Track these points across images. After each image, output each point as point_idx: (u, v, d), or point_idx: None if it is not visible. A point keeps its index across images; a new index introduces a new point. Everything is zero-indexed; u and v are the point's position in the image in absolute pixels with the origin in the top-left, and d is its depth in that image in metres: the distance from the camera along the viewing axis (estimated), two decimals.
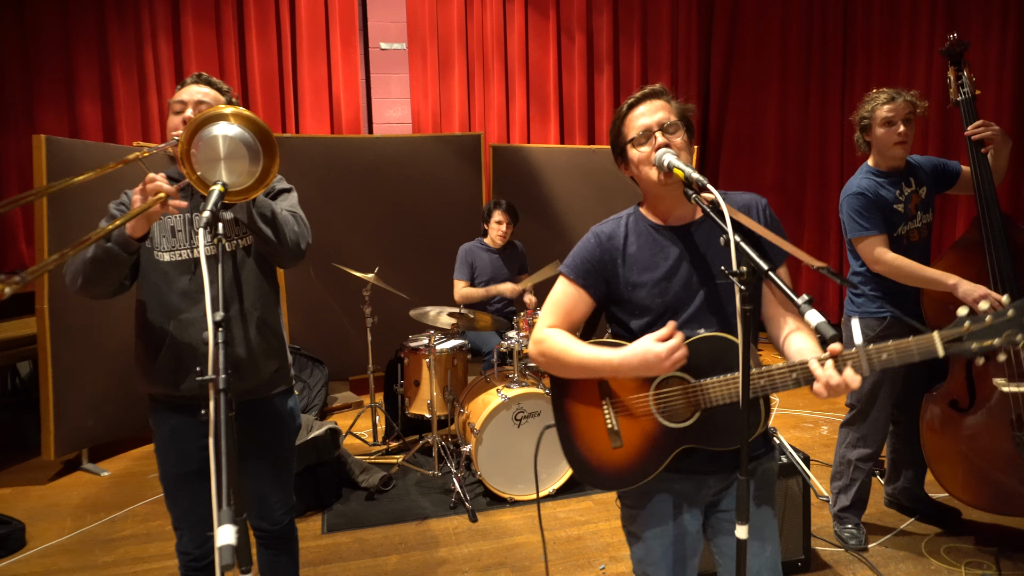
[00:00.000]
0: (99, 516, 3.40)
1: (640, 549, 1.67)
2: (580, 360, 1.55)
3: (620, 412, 1.59)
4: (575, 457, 1.64)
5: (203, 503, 1.93)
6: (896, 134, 2.63)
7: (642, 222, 1.65)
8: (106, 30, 4.85)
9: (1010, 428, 2.56)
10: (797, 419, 4.51)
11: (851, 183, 2.74)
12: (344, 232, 5.11)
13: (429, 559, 2.92)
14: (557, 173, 5.52)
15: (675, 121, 1.57)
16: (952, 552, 2.80)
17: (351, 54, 5.56)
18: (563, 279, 1.66)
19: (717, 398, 1.50)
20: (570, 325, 1.65)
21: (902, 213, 2.68)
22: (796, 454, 2.67)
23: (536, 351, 1.62)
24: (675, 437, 1.54)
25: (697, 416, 1.53)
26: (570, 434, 1.64)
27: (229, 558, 1.01)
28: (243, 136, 1.52)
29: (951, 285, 2.49)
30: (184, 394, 1.87)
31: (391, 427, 4.25)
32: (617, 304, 1.65)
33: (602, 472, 1.61)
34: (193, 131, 1.51)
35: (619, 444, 1.58)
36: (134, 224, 1.69)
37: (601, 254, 1.62)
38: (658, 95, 1.60)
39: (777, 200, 6.49)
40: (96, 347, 3.99)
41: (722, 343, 1.51)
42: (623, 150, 1.62)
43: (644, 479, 1.58)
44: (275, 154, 1.56)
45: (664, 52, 6.24)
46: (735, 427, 1.49)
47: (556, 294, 1.67)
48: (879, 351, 1.36)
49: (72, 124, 4.85)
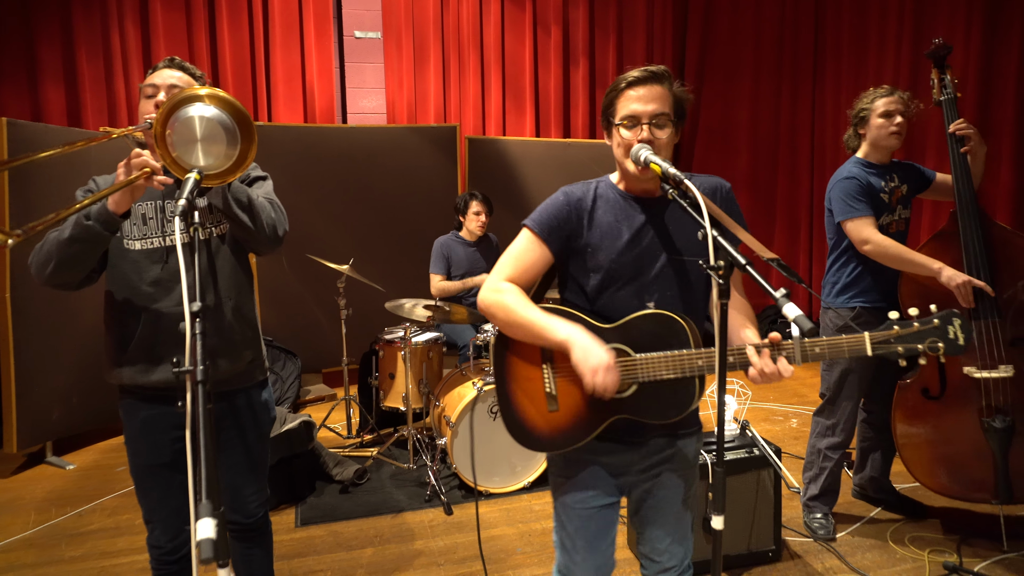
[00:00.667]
0: (65, 510, 3.33)
1: (562, 516, 1.71)
2: (527, 320, 1.55)
3: (560, 376, 1.61)
4: (511, 417, 1.66)
5: (175, 496, 1.91)
6: (894, 124, 2.72)
7: (612, 190, 1.67)
8: (71, 11, 4.71)
9: (978, 415, 2.64)
10: (768, 412, 4.58)
11: (841, 170, 2.81)
12: (318, 222, 5.05)
13: (404, 552, 2.91)
14: (532, 166, 5.52)
15: (666, 114, 1.56)
16: (916, 540, 2.87)
17: (325, 42, 5.48)
18: (527, 232, 1.66)
19: (656, 373, 1.54)
20: (527, 280, 1.65)
21: (886, 203, 2.76)
22: (768, 446, 2.71)
23: (489, 300, 1.61)
24: (611, 407, 1.58)
25: (634, 389, 1.57)
26: (508, 394, 1.66)
27: (209, 552, 0.99)
28: (220, 117, 1.48)
29: (936, 269, 2.58)
30: (155, 384, 1.83)
31: (365, 420, 4.23)
32: (574, 263, 1.66)
33: (535, 433, 1.64)
34: (168, 111, 1.47)
35: (555, 408, 1.62)
36: (118, 199, 1.64)
37: (568, 212, 1.63)
38: (661, 80, 1.56)
39: (748, 193, 6.58)
40: (61, 337, 3.90)
41: (666, 321, 1.55)
42: (609, 122, 1.63)
43: (575, 444, 1.62)
44: (253, 138, 1.53)
45: (640, 46, 6.27)
46: (670, 402, 1.57)
47: (517, 248, 1.66)
48: (813, 344, 1.46)
49: (35, 107, 4.71)
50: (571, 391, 1.60)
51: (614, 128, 1.60)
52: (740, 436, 2.79)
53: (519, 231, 1.68)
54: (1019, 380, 2.60)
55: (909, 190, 2.83)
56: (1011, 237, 2.65)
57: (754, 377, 1.47)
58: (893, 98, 2.73)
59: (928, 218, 4.78)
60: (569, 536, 1.70)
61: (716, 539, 1.48)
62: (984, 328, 2.61)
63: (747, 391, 4.76)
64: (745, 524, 2.68)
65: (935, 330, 1.46)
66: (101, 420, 4.18)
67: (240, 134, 1.51)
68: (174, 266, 1.82)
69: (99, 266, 1.84)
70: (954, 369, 2.69)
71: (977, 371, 2.63)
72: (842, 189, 2.73)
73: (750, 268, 1.36)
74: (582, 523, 1.68)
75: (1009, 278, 2.63)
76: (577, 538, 1.69)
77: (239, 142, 1.51)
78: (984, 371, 2.61)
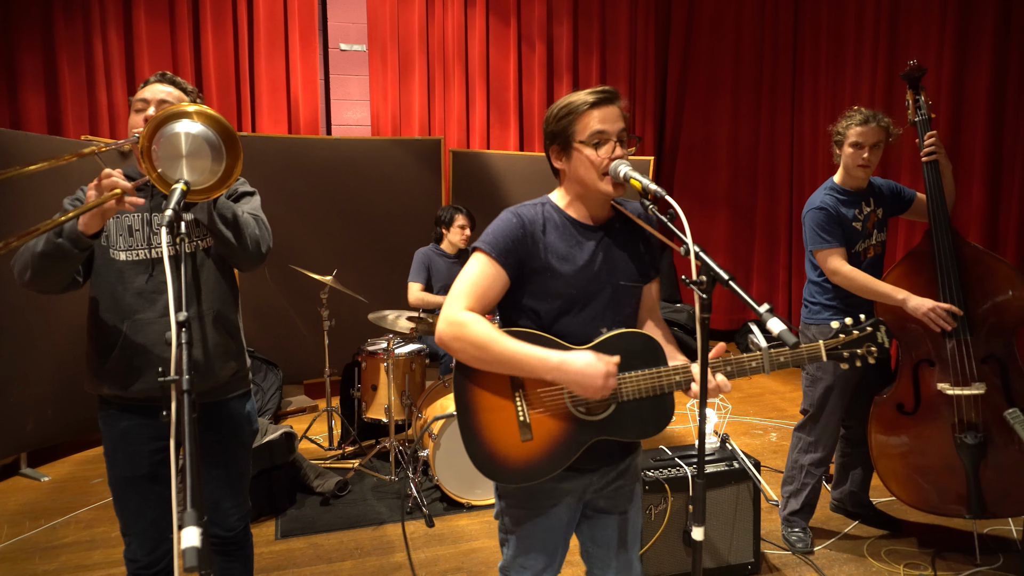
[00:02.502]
0: (39, 523, 3.27)
1: (517, 544, 1.69)
2: (510, 354, 1.48)
3: (532, 405, 1.57)
4: (477, 451, 1.57)
5: (153, 508, 1.89)
6: (860, 158, 2.74)
7: (559, 214, 1.63)
8: (53, 18, 4.68)
9: (951, 431, 2.69)
10: (748, 426, 4.62)
11: (814, 198, 2.86)
12: (301, 233, 5.03)
13: (385, 564, 2.90)
14: (516, 179, 5.56)
15: (625, 130, 1.58)
16: (892, 554, 2.91)
17: (310, 54, 5.49)
18: (482, 256, 1.56)
19: (634, 391, 1.56)
20: (485, 307, 1.56)
21: (860, 231, 2.81)
22: (747, 459, 2.74)
23: (452, 334, 1.50)
24: (589, 429, 1.58)
25: (612, 409, 1.58)
26: (473, 426, 1.57)
27: (194, 560, 0.99)
28: (206, 134, 1.49)
29: (900, 300, 2.63)
30: (135, 395, 1.82)
31: (347, 432, 4.21)
32: (529, 288, 1.60)
33: (507, 466, 1.56)
34: (155, 127, 1.48)
35: (529, 437, 1.56)
36: (87, 220, 1.64)
37: (523, 235, 1.57)
38: (616, 100, 1.58)
39: (728, 209, 6.68)
40: (36, 348, 3.84)
41: (639, 339, 1.58)
42: (567, 143, 1.58)
43: (553, 472, 1.57)
44: (238, 154, 1.54)
45: (622, 62, 6.36)
46: (646, 419, 1.59)
47: (473, 273, 1.56)
48: (778, 353, 1.58)
49: (14, 115, 4.66)
50: (545, 419, 1.56)
51: (576, 148, 1.57)
52: (720, 449, 2.81)
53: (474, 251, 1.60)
54: (990, 397, 2.66)
55: (885, 213, 2.87)
56: (982, 256, 2.72)
57: (694, 392, 1.53)
58: (865, 128, 2.72)
59: (903, 236, 4.88)
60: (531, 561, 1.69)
61: (696, 551, 1.50)
62: (956, 346, 2.67)
63: (727, 404, 4.80)
64: (724, 537, 2.70)
65: (869, 336, 1.65)
66: (77, 431, 4.12)
67: (226, 150, 1.52)
68: (159, 277, 1.82)
69: (84, 272, 1.83)
70: (928, 385, 2.74)
71: (950, 388, 2.68)
72: (813, 219, 2.79)
73: (733, 283, 1.39)
74: (547, 555, 1.68)
75: (980, 296, 2.69)
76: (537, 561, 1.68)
77: (224, 158, 1.52)
78: (957, 388, 2.67)
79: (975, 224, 4.27)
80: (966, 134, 4.36)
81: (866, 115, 2.75)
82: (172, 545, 1.92)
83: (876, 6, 5.12)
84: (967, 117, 4.37)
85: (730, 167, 6.62)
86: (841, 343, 1.65)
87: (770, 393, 5.38)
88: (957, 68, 4.38)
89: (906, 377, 2.78)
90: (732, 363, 1.57)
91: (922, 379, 2.76)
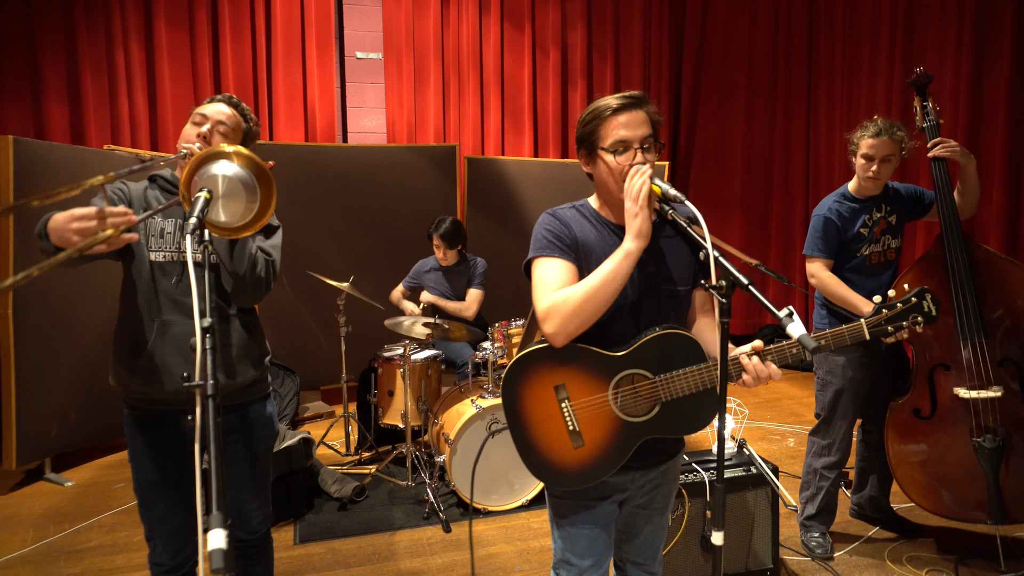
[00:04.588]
0: (63, 527, 3.31)
1: (565, 537, 1.72)
2: (601, 279, 1.50)
3: (580, 411, 1.61)
4: (535, 461, 1.64)
5: (178, 512, 1.91)
6: (870, 170, 2.75)
7: (595, 217, 1.67)
8: (74, 29, 4.76)
9: (969, 435, 2.67)
10: (765, 431, 4.60)
11: (824, 203, 2.88)
12: (318, 240, 5.08)
13: (402, 569, 2.91)
14: (531, 185, 5.57)
15: (651, 136, 1.59)
16: (914, 560, 2.88)
17: (327, 62, 5.55)
18: (543, 260, 1.60)
19: (678, 390, 1.57)
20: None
21: (866, 236, 2.81)
22: (765, 465, 2.73)
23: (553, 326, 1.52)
24: (638, 430, 1.60)
25: (657, 409, 1.60)
26: (527, 439, 1.64)
27: (220, 562, 1.01)
28: (242, 175, 1.51)
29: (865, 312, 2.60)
30: (162, 398, 1.85)
31: (364, 437, 4.23)
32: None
33: (565, 472, 1.63)
34: (197, 165, 1.50)
35: (581, 443, 1.61)
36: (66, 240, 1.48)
37: (563, 229, 1.62)
38: (642, 104, 1.59)
39: (743, 214, 6.65)
40: (60, 353, 3.90)
41: (677, 339, 1.59)
42: (593, 149, 1.62)
43: (607, 473, 1.62)
44: (272, 193, 1.55)
45: (636, 69, 6.37)
46: (695, 414, 1.61)
47: (544, 275, 1.59)
48: (819, 337, 1.59)
49: (37, 125, 4.74)
50: (593, 424, 1.61)
51: (600, 155, 1.60)
52: (737, 454, 2.80)
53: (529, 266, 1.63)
54: (1007, 400, 2.63)
55: (899, 219, 2.86)
56: (994, 259, 2.70)
57: (748, 382, 1.53)
58: (877, 141, 2.71)
59: (922, 240, 4.84)
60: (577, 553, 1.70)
61: (716, 555, 1.50)
62: (972, 348, 2.65)
63: (744, 410, 4.78)
64: (743, 542, 2.69)
65: (914, 307, 1.63)
66: (100, 437, 4.17)
67: (260, 191, 1.54)
68: (186, 282, 1.85)
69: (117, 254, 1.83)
70: (944, 390, 2.72)
71: (966, 391, 2.66)
72: (813, 225, 2.85)
73: (752, 288, 1.40)
74: (593, 550, 1.70)
75: (994, 299, 2.68)
76: (584, 558, 1.70)
77: (258, 200, 1.54)
78: (973, 391, 2.65)
79: (995, 227, 4.23)
80: (985, 137, 4.33)
81: (879, 127, 2.73)
82: (196, 548, 1.94)
83: (892, 8, 5.09)
84: (986, 120, 4.33)
85: (744, 171, 6.60)
86: (884, 318, 1.61)
87: (787, 398, 5.34)
88: (975, 71, 4.35)
89: (922, 382, 2.77)
90: (772, 352, 1.55)
91: (938, 384, 2.74)
